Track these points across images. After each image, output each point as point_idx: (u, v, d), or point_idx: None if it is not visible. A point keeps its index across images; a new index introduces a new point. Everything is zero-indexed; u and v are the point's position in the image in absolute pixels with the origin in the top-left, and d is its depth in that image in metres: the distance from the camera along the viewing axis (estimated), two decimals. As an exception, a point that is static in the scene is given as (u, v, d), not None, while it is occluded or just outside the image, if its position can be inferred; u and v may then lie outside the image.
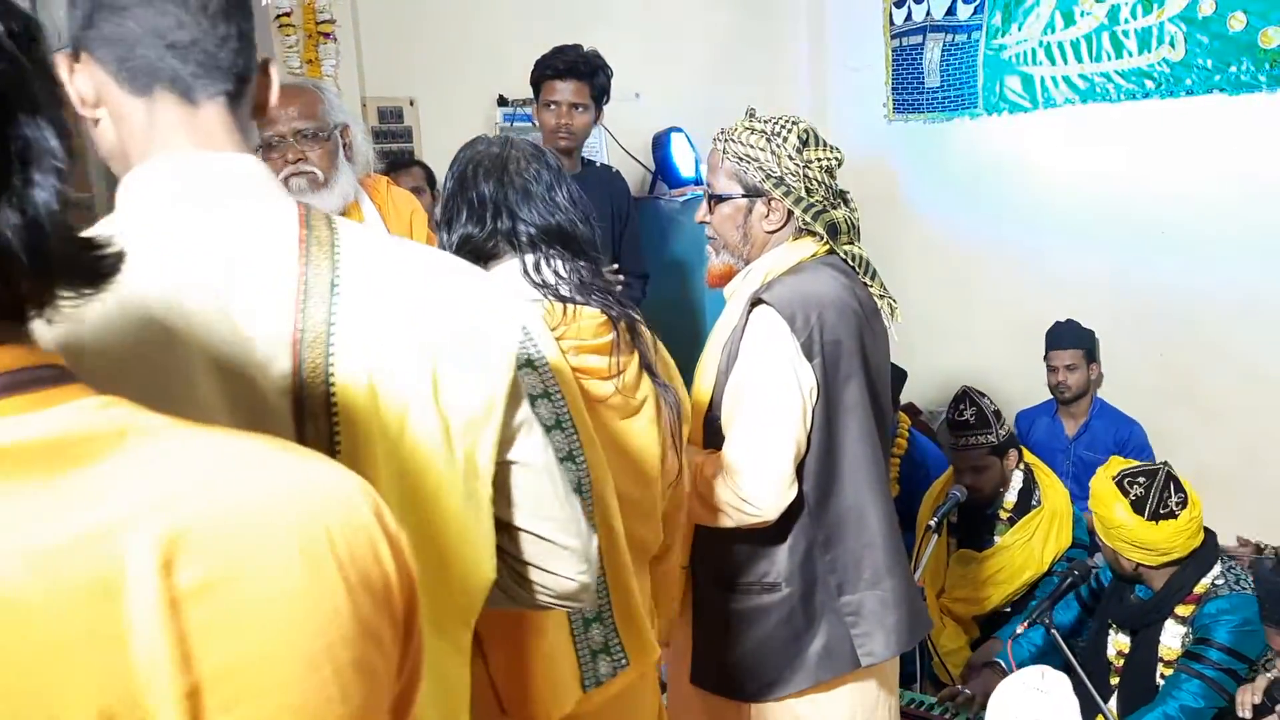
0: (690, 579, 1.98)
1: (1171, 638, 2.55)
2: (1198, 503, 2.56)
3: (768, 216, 1.91)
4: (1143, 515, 2.51)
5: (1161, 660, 2.56)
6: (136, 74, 0.89)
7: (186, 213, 0.88)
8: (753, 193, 1.91)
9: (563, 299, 1.44)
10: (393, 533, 0.62)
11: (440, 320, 0.91)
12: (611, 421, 1.49)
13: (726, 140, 1.93)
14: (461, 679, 0.98)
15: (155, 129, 0.90)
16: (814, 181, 1.89)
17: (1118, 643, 2.69)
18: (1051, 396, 3.90)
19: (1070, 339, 3.79)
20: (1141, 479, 2.56)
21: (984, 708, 2.85)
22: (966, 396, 3.26)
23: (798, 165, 1.88)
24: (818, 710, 1.94)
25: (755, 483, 1.77)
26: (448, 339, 0.91)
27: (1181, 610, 2.54)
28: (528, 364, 1.36)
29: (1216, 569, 2.55)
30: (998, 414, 3.25)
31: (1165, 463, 2.72)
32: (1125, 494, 2.55)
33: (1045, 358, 3.84)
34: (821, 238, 1.90)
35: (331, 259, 0.89)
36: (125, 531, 0.51)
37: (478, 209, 1.47)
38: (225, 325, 0.84)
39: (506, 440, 0.97)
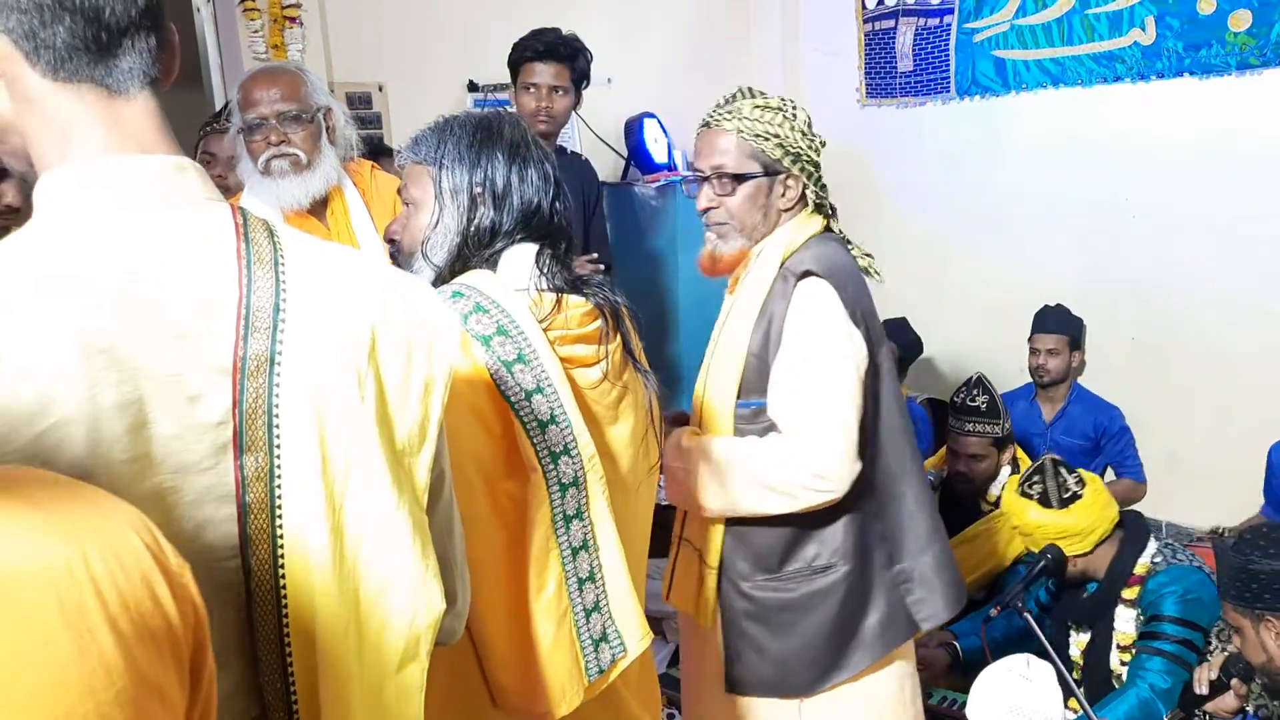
0: (716, 581, 1.90)
1: (1124, 622, 2.59)
2: (1095, 478, 2.68)
3: (784, 195, 1.87)
4: (1053, 506, 2.60)
5: (1118, 646, 2.60)
6: (52, 52, 0.79)
7: (113, 224, 0.79)
8: (772, 170, 1.86)
9: (557, 289, 1.42)
10: (173, 569, 0.57)
11: (385, 341, 0.86)
12: (597, 407, 1.47)
13: (738, 118, 1.86)
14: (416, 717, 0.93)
15: (74, 122, 0.81)
16: (819, 157, 1.89)
17: (1079, 642, 2.72)
18: (1030, 380, 3.91)
19: (1055, 324, 3.79)
20: (1035, 477, 2.65)
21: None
22: (980, 383, 3.26)
23: (809, 141, 1.87)
24: (870, 689, 1.91)
25: (827, 458, 1.72)
26: (391, 361, 0.86)
27: (1128, 593, 2.58)
28: (519, 359, 1.33)
29: (1153, 546, 2.61)
30: (1005, 407, 3.26)
31: (1048, 451, 2.84)
32: (1030, 497, 2.64)
33: (1029, 339, 3.85)
34: (826, 214, 1.90)
35: (275, 279, 0.82)
36: None
37: (502, 195, 1.43)
38: (152, 351, 0.76)
39: (438, 462, 0.92)
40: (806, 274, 1.77)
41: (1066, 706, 2.33)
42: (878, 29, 4.56)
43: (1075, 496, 2.60)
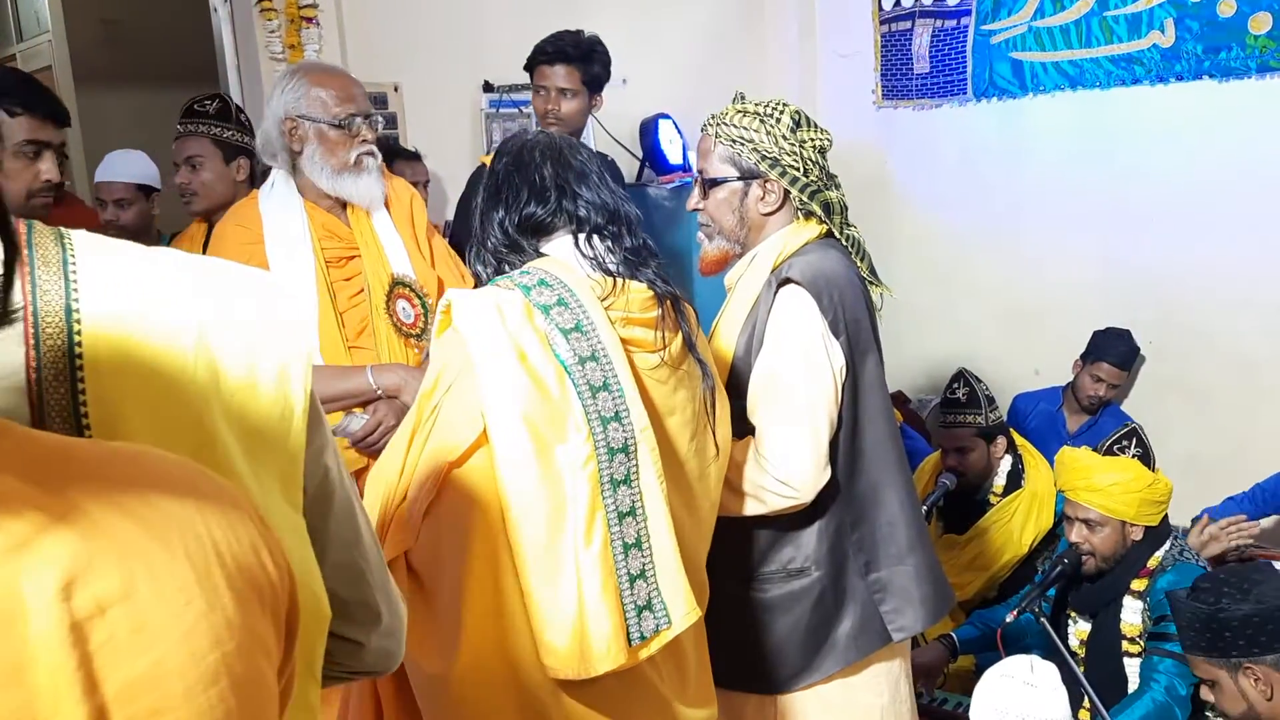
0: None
1: (1131, 614, 2.58)
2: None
3: (763, 199, 1.91)
4: (1152, 469, 2.58)
5: (1125, 638, 2.58)
6: None
7: None
8: (748, 175, 1.90)
9: (611, 273, 1.53)
10: (271, 536, 0.61)
11: (218, 331, 0.76)
12: (654, 393, 1.54)
13: (718, 124, 1.92)
14: None
15: None
16: (809, 162, 1.90)
17: (1079, 632, 2.70)
18: (1055, 387, 3.86)
19: (1121, 358, 3.66)
20: (1124, 441, 2.61)
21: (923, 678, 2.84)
22: (962, 376, 3.28)
23: (792, 145, 1.88)
24: (847, 693, 1.93)
25: (793, 465, 1.77)
26: (229, 348, 0.76)
27: (1137, 585, 2.57)
28: (575, 328, 1.43)
29: (1168, 544, 2.60)
30: (991, 399, 3.25)
31: (1132, 424, 2.77)
32: (1124, 453, 2.60)
33: (1087, 360, 3.74)
34: (820, 219, 1.90)
35: (65, 278, 0.74)
36: (19, 558, 0.49)
37: (539, 189, 1.56)
38: None
39: (320, 461, 0.84)
40: (786, 281, 1.82)
41: (1080, 707, 2.30)
42: (894, 30, 4.55)
43: (1152, 459, 2.60)
